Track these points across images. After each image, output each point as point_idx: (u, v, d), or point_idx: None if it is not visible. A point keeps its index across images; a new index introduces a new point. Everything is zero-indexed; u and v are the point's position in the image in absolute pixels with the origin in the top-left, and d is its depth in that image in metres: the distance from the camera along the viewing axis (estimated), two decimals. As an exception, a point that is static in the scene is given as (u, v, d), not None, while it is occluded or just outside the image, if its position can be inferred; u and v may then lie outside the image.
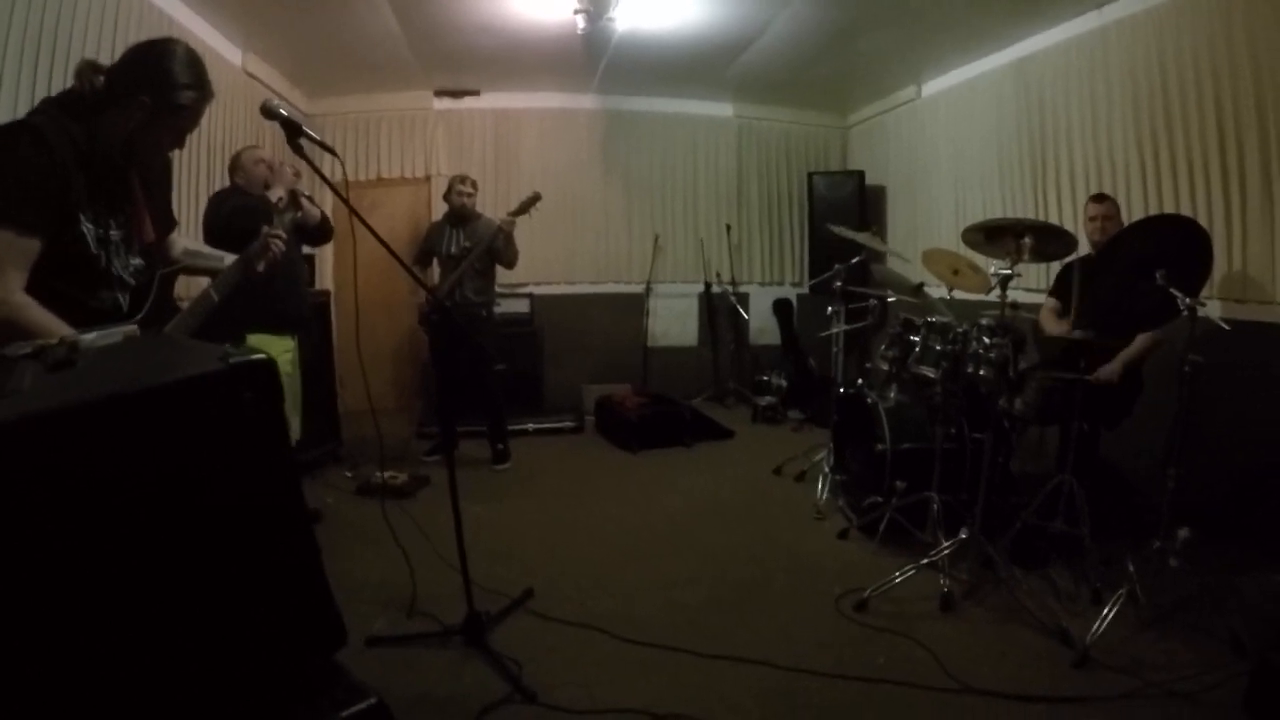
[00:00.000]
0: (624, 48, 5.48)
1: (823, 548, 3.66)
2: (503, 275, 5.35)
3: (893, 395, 3.91)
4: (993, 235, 3.20)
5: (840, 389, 4.39)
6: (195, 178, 4.51)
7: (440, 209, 5.45)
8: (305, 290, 4.24)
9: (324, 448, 5.05)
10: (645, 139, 7.27)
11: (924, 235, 6.10)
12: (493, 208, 5.84)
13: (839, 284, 4.55)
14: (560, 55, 5.76)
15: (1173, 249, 2.76)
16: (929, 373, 3.34)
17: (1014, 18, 4.83)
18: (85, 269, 1.80)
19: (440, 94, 6.86)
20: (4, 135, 1.70)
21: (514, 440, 5.31)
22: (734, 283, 7.41)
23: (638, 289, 7.22)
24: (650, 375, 7.05)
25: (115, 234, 1.86)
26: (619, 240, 7.29)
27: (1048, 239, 3.17)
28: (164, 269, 2.07)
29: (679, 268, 7.41)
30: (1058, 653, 2.59)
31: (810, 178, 7.24)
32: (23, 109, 1.91)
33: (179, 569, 1.02)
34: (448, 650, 2.65)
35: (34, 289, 1.67)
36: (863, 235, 4.46)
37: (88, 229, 1.77)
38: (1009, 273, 3.05)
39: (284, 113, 2.13)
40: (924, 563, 3.08)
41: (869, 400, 3.96)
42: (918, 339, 3.45)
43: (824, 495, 4.24)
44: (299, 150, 2.14)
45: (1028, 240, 3.07)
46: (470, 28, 5.19)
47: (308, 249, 4.78)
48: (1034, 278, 4.82)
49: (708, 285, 7.41)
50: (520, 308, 6.64)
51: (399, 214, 6.80)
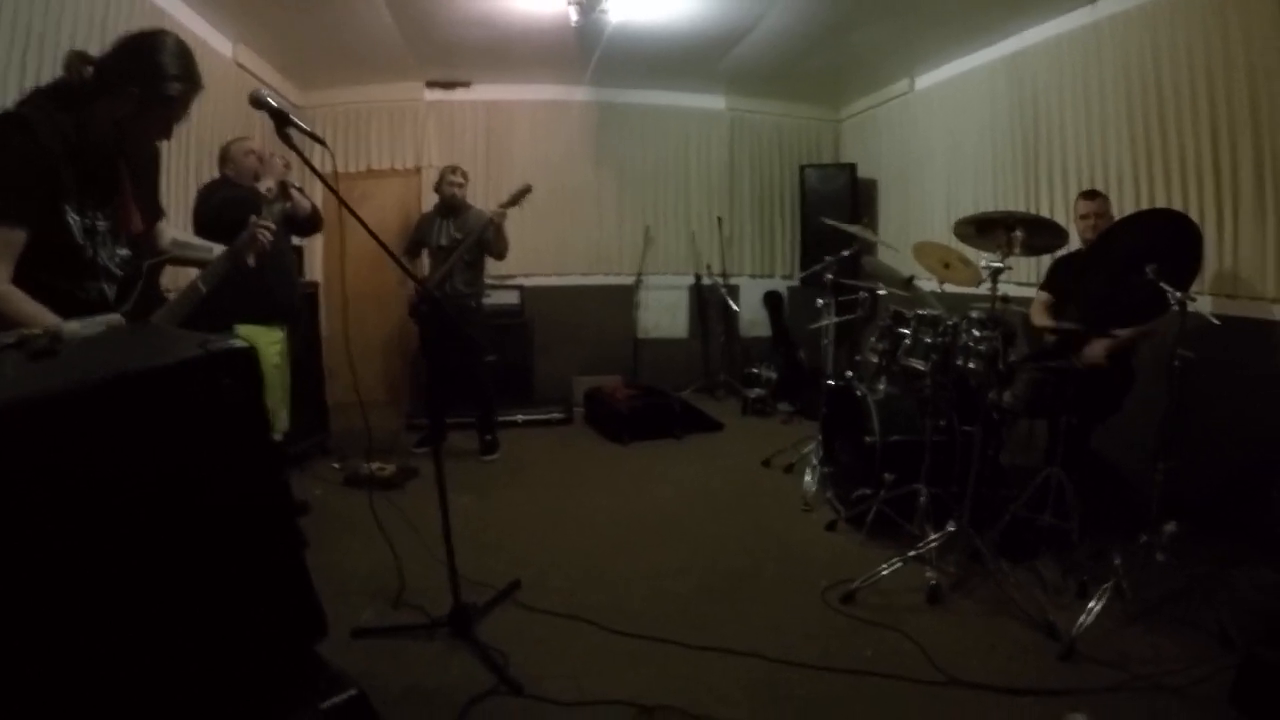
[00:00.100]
0: (617, 40, 5.45)
1: (811, 539, 3.67)
2: (493, 266, 5.34)
3: (882, 387, 3.93)
4: (984, 228, 3.20)
5: (830, 381, 4.38)
6: (185, 169, 4.48)
7: (430, 200, 5.42)
8: (295, 281, 4.22)
9: (312, 439, 5.02)
10: (637, 131, 7.25)
11: (915, 228, 6.10)
12: (484, 199, 5.82)
13: (830, 276, 4.55)
14: (553, 47, 5.73)
15: (1164, 243, 2.76)
16: (919, 365, 3.34)
17: (1007, 12, 4.83)
18: (71, 260, 1.79)
19: (431, 85, 6.80)
20: None
21: (503, 431, 5.30)
22: (725, 275, 7.41)
23: (628, 281, 7.22)
24: (640, 367, 7.05)
25: (102, 224, 1.85)
26: (610, 232, 7.26)
27: (1039, 232, 3.17)
28: (152, 260, 2.05)
29: (670, 260, 7.39)
30: (1044, 645, 2.61)
31: (802, 170, 7.24)
32: (11, 99, 1.91)
33: (156, 556, 1.02)
34: (435, 642, 2.64)
35: (20, 280, 1.66)
36: (855, 227, 4.46)
37: (74, 219, 1.76)
38: (1000, 266, 3.05)
39: (272, 102, 2.14)
40: (912, 555, 3.09)
41: (858, 392, 3.95)
42: (908, 331, 3.46)
43: (812, 487, 4.25)
44: (287, 140, 2.14)
45: (1019, 233, 3.07)
46: (464, 20, 5.16)
47: (297, 240, 4.76)
48: (1024, 271, 4.84)
49: (698, 277, 7.39)
50: (510, 299, 6.60)
51: (389, 205, 6.75)
